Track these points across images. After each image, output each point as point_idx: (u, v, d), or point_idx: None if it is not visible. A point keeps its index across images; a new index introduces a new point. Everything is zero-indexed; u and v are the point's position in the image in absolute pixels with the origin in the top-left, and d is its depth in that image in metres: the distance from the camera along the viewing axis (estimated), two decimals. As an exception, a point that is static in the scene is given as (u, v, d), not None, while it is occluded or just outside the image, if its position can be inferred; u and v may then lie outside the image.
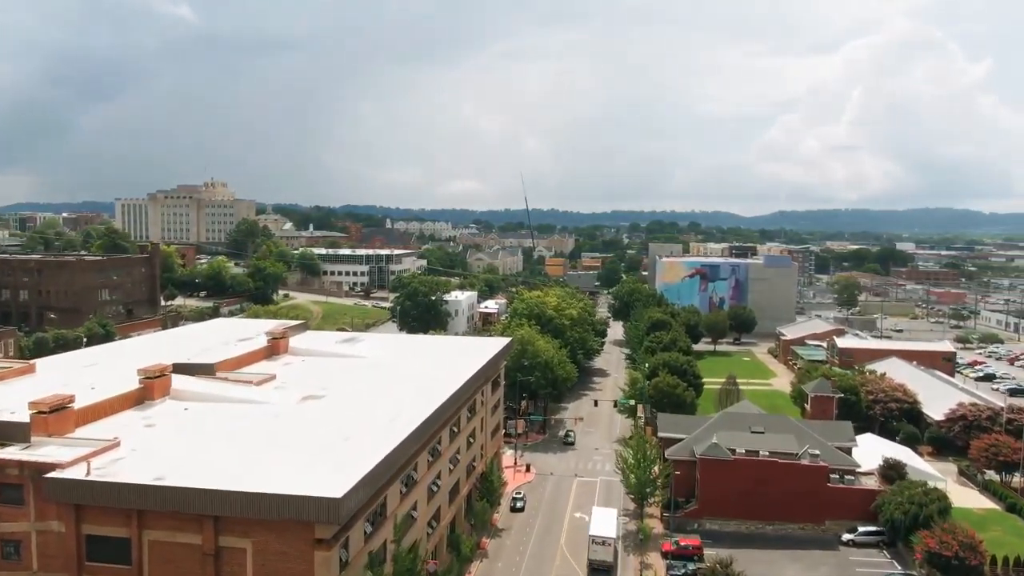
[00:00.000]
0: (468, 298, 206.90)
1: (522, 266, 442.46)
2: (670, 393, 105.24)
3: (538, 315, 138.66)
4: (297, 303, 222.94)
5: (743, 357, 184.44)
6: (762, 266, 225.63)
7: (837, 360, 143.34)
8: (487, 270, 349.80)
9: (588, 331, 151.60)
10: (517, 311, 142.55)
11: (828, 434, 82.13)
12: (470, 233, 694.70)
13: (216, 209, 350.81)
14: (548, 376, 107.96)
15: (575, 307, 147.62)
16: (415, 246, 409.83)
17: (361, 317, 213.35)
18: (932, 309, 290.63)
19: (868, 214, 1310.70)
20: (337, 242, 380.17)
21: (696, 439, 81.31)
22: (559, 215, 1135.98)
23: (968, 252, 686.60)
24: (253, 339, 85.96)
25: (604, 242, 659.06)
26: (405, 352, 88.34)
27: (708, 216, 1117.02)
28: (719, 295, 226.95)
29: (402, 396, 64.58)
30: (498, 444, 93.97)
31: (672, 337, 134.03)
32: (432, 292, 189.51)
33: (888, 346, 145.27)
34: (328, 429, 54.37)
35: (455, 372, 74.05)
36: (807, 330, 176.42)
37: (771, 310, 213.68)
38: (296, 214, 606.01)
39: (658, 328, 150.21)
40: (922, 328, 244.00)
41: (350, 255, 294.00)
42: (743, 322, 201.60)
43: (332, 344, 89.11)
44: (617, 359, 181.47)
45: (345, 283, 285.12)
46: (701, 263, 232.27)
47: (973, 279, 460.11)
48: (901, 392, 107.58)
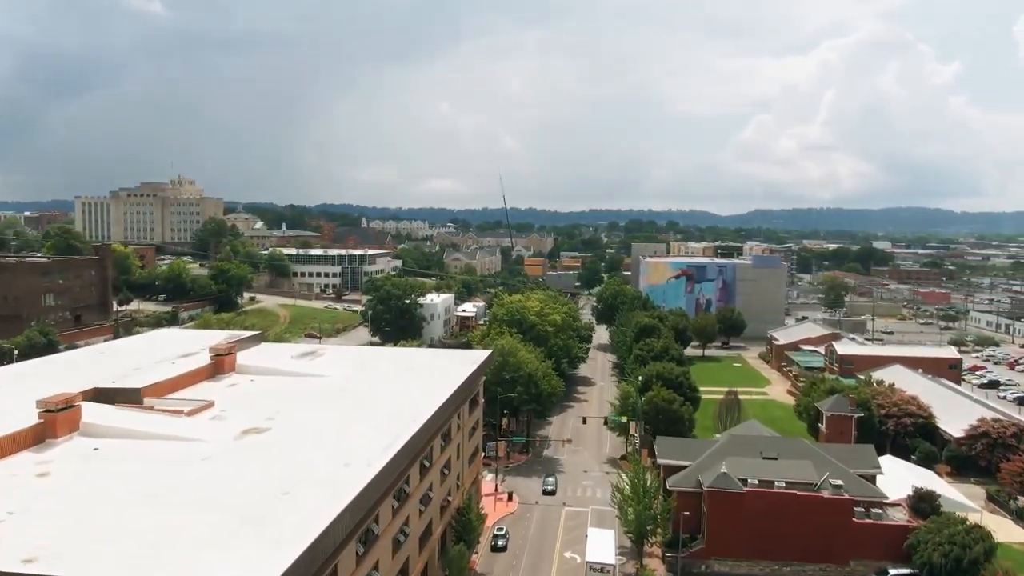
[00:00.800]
0: (444, 301, 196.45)
1: (500, 266, 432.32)
2: (665, 409, 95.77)
3: (519, 321, 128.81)
4: (263, 307, 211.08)
5: (733, 363, 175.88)
6: (750, 266, 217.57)
7: (837, 368, 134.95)
8: (464, 271, 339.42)
9: (572, 337, 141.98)
10: (497, 316, 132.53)
11: (848, 459, 72.96)
12: (447, 232, 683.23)
13: (182, 208, 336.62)
14: (532, 391, 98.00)
15: (558, 312, 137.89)
16: (390, 246, 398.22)
17: (331, 321, 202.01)
18: (919, 310, 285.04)
19: (843, 213, 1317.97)
20: (309, 242, 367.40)
21: (701, 467, 71.77)
22: (537, 214, 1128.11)
23: (944, 251, 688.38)
24: (197, 354, 75.12)
25: (583, 241, 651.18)
26: (371, 368, 77.88)
27: (686, 215, 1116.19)
28: (706, 297, 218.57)
29: (363, 427, 54.33)
30: (476, 471, 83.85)
31: (664, 344, 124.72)
32: (406, 295, 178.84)
33: (890, 352, 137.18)
34: (268, 476, 43.95)
35: (427, 394, 63.92)
36: (801, 334, 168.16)
37: (759, 312, 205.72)
38: (269, 213, 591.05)
39: (647, 334, 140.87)
40: (912, 330, 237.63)
41: (321, 255, 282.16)
42: (732, 325, 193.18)
43: (287, 360, 78.38)
44: (603, 365, 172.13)
45: (316, 285, 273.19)
46: (687, 263, 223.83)
47: (953, 278, 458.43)
48: (915, 406, 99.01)
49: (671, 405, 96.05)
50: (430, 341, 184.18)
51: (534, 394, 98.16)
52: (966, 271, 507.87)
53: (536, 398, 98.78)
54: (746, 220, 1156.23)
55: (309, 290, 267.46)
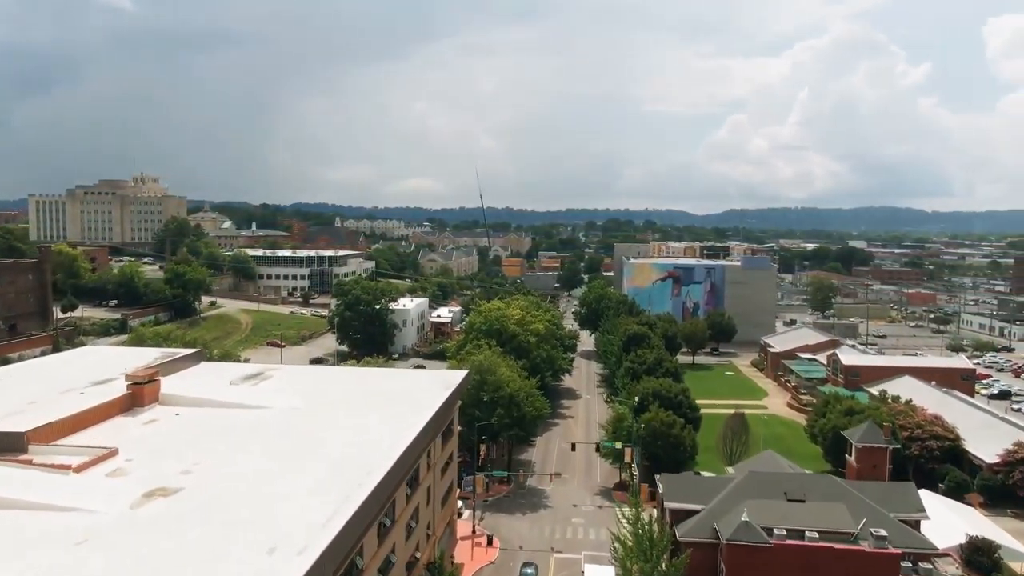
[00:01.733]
0: (418, 306, 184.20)
1: (478, 267, 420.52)
2: (665, 434, 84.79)
3: (498, 331, 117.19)
4: (224, 312, 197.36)
5: (726, 371, 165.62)
6: (740, 268, 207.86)
7: (841, 379, 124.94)
8: (440, 272, 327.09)
9: (556, 347, 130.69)
10: (474, 326, 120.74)
11: (887, 500, 62.29)
12: (423, 232, 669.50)
13: (142, 206, 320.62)
14: (514, 414, 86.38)
15: (541, 320, 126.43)
16: (363, 246, 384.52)
17: (297, 328, 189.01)
18: (908, 312, 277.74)
19: (816, 212, 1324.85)
20: (278, 242, 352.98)
21: (717, 512, 60.65)
22: (514, 214, 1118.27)
23: (919, 250, 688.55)
24: (115, 381, 62.62)
25: (561, 241, 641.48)
26: (326, 395, 65.79)
27: (662, 215, 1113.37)
28: (693, 300, 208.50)
29: (305, 484, 42.42)
30: (451, 512, 72.18)
31: (656, 356, 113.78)
32: (376, 300, 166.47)
33: (898, 362, 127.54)
34: (167, 570, 32.04)
35: (391, 431, 52.20)
36: (797, 341, 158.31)
37: (750, 316, 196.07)
38: (240, 212, 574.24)
39: (636, 342, 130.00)
40: (903, 333, 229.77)
41: (289, 256, 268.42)
42: (722, 330, 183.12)
43: (225, 386, 66.05)
44: (588, 375, 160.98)
45: (284, 288, 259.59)
46: (674, 265, 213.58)
47: (934, 278, 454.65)
48: (940, 427, 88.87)
49: (671, 429, 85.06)
50: (402, 349, 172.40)
51: (516, 417, 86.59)
52: (944, 271, 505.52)
53: (519, 422, 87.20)
54: (722, 220, 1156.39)
55: (276, 293, 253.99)
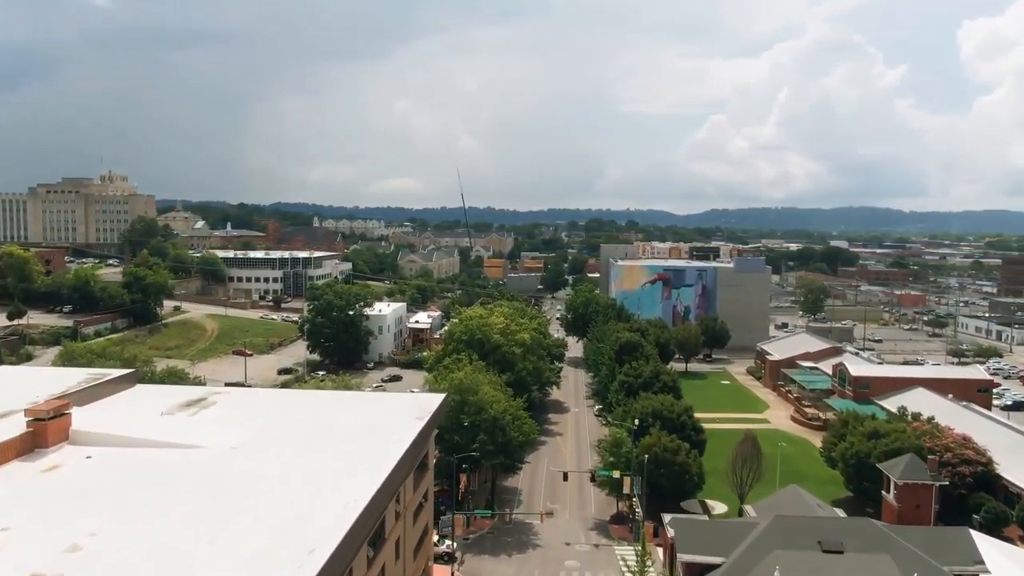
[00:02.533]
0: (395, 311, 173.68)
1: (459, 268, 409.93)
2: (669, 461, 75.34)
3: (480, 341, 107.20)
4: (188, 318, 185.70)
5: (721, 380, 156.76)
6: (732, 271, 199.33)
7: (850, 392, 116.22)
8: (420, 274, 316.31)
9: (543, 357, 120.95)
10: (454, 335, 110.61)
11: (937, 549, 53.08)
12: (403, 232, 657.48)
13: (107, 205, 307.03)
14: (498, 440, 76.42)
15: (527, 329, 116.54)
16: (340, 247, 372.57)
17: (266, 335, 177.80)
18: (900, 314, 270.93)
19: (796, 212, 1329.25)
20: (252, 243, 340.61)
21: (741, 568, 51.12)
22: (496, 214, 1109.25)
23: (901, 250, 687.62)
24: (16, 415, 51.82)
25: (544, 241, 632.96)
26: (277, 428, 55.33)
27: (644, 215, 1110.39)
28: (684, 304, 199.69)
29: (238, 559, 32.07)
30: (426, 558, 62.02)
31: (654, 368, 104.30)
32: (349, 305, 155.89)
33: (910, 373, 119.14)
34: None
35: (350, 480, 41.99)
36: (796, 348, 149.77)
37: (743, 321, 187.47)
38: (216, 212, 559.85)
39: (628, 352, 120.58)
40: (899, 337, 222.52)
41: (260, 258, 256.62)
42: (715, 336, 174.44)
43: (156, 418, 55.41)
44: (576, 384, 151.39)
45: (256, 291, 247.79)
46: (664, 267, 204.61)
47: (919, 279, 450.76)
48: (971, 450, 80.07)
49: (676, 456, 75.58)
50: (378, 358, 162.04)
51: (501, 443, 76.64)
52: (929, 271, 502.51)
53: (504, 448, 77.27)
54: (703, 219, 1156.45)
55: (247, 297, 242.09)
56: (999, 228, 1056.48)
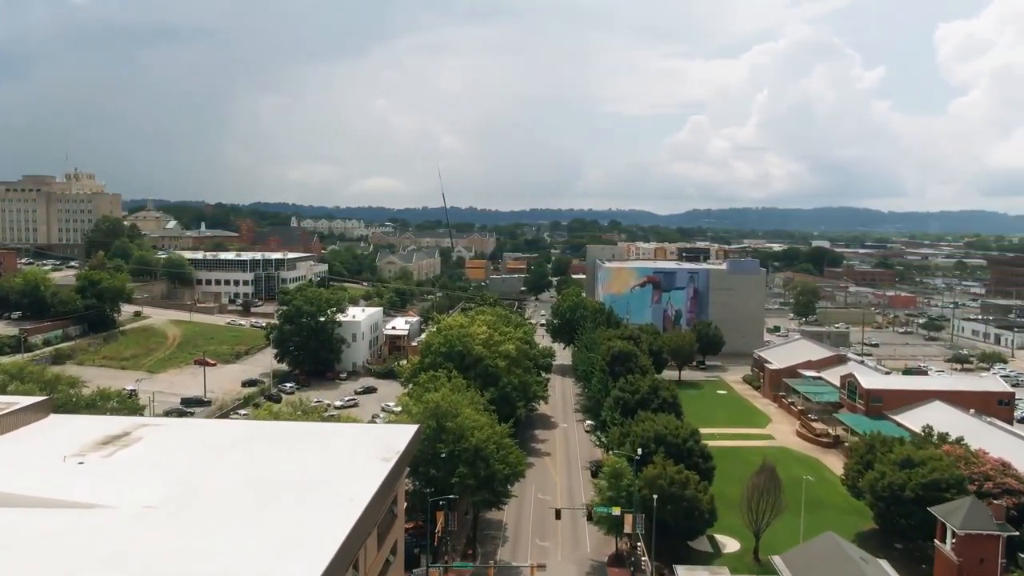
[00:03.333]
0: (371, 317, 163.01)
1: (440, 269, 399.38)
2: (676, 496, 65.76)
3: (460, 354, 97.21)
4: (149, 325, 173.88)
5: (717, 389, 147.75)
6: (725, 273, 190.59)
7: (861, 405, 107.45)
8: (399, 275, 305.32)
9: (530, 369, 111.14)
10: (431, 347, 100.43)
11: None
12: (384, 232, 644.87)
13: (70, 204, 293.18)
14: (480, 472, 66.41)
15: (512, 339, 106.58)
16: (317, 247, 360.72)
17: (232, 342, 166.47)
18: (892, 317, 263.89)
19: (776, 212, 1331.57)
20: (223, 243, 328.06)
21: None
22: (478, 214, 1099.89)
23: (882, 250, 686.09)
24: None
25: (526, 241, 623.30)
26: (209, 477, 45.11)
27: (625, 214, 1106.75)
28: (675, 308, 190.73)
29: None
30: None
31: (651, 383, 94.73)
32: (321, 311, 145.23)
33: (925, 386, 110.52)
34: None
35: (297, 551, 31.95)
36: (796, 356, 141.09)
37: (737, 325, 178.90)
38: (191, 211, 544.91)
39: (621, 362, 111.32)
40: (895, 341, 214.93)
41: (230, 260, 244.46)
42: (709, 342, 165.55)
43: (58, 464, 44.89)
44: (563, 395, 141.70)
45: (226, 294, 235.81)
46: (653, 269, 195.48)
47: (905, 279, 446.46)
48: (1013, 478, 71.15)
49: (685, 490, 66.00)
50: (352, 367, 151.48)
51: (484, 477, 66.60)
52: (912, 271, 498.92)
53: (487, 483, 67.23)
54: (684, 219, 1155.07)
55: (216, 301, 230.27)
56: (976, 228, 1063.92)
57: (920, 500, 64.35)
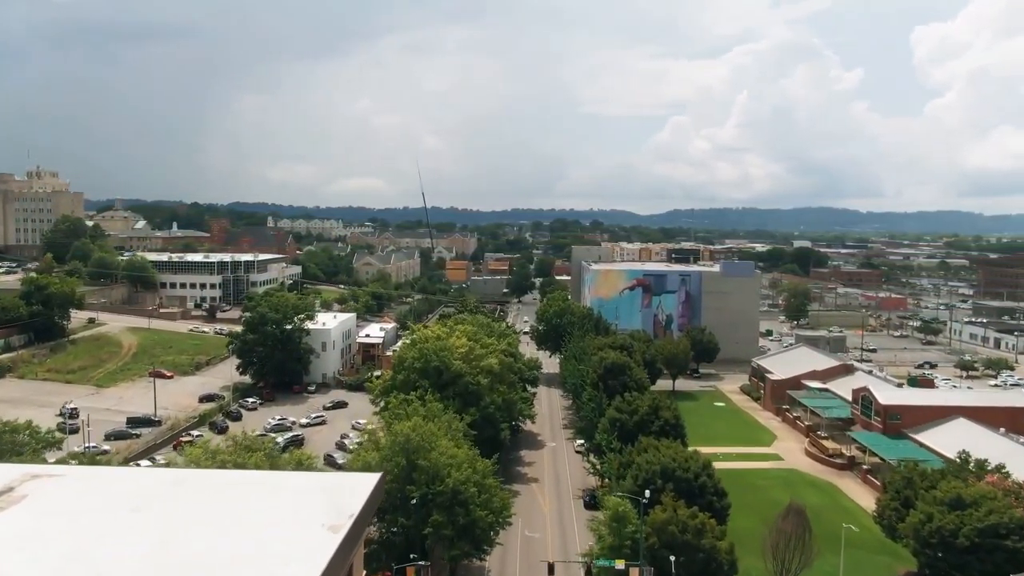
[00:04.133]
0: (343, 324, 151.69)
1: (420, 270, 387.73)
2: (691, 545, 55.65)
3: (438, 370, 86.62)
4: (103, 333, 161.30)
5: (714, 401, 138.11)
6: (719, 275, 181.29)
7: (878, 422, 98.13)
8: (377, 278, 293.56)
9: (516, 385, 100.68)
10: (405, 362, 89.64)
11: None
12: (363, 232, 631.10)
13: (29, 203, 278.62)
14: (459, 520, 55.89)
15: (495, 352, 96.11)
16: (292, 249, 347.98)
17: (193, 351, 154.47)
18: (885, 319, 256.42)
19: (756, 213, 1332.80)
20: (194, 244, 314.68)
21: None
22: (459, 214, 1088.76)
23: (863, 250, 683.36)
24: None
25: (508, 242, 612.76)
26: (98, 547, 34.33)
27: (607, 215, 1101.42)
28: (666, 312, 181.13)
29: None
30: None
31: (652, 403, 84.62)
32: (287, 318, 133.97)
33: (947, 400, 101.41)
34: None
35: None
36: (798, 364, 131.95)
37: (731, 331, 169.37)
38: (165, 211, 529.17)
39: (614, 374, 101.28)
40: (893, 345, 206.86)
41: (196, 262, 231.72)
42: (704, 350, 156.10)
43: None
44: (550, 407, 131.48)
45: (192, 299, 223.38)
46: (643, 272, 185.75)
47: (890, 280, 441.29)
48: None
49: (700, 539, 55.90)
50: (322, 379, 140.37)
51: (463, 526, 56.08)
52: (896, 271, 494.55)
53: (466, 532, 56.70)
54: (666, 220, 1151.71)
55: (181, 305, 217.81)
56: (953, 228, 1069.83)
57: (977, 548, 54.85)
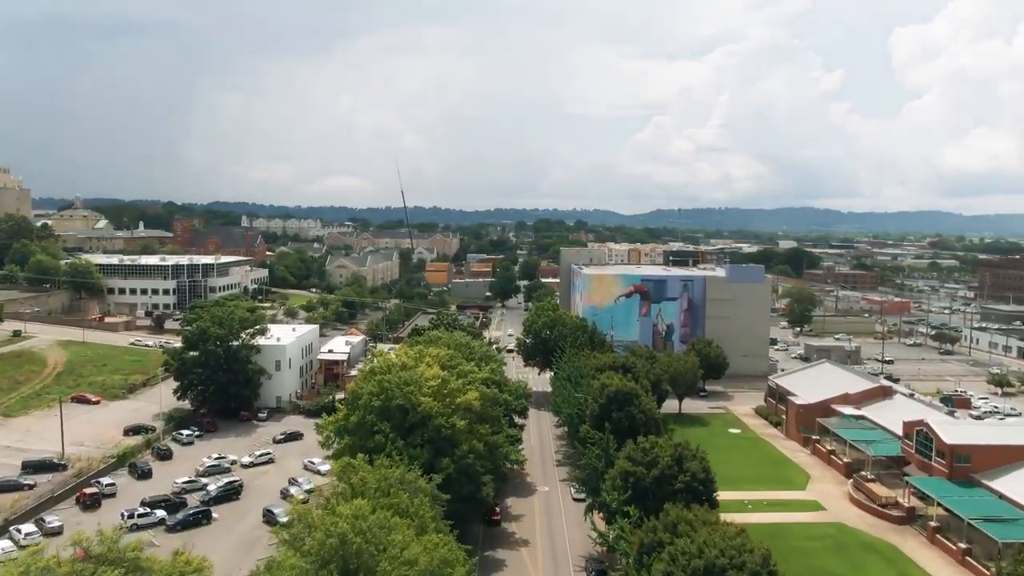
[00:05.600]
0: (302, 339, 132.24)
1: (399, 273, 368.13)
2: None
3: (402, 409, 67.94)
4: (26, 348, 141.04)
5: (728, 427, 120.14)
6: (725, 281, 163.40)
7: (942, 465, 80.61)
8: (351, 281, 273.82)
9: (501, 420, 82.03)
10: (359, 399, 70.64)
11: None
12: (341, 232, 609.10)
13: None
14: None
15: (475, 381, 77.40)
16: (261, 250, 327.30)
17: (129, 369, 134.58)
18: (894, 326, 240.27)
19: (739, 212, 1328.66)
20: (152, 245, 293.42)
21: None
22: (441, 213, 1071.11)
23: (850, 250, 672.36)
24: None
25: (491, 242, 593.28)
26: None
27: (591, 214, 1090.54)
28: (666, 322, 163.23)
29: None
30: None
31: (675, 451, 66.34)
32: (233, 333, 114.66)
33: (1021, 438, 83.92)
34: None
35: None
36: (825, 385, 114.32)
37: (738, 343, 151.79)
38: (134, 210, 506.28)
39: (619, 404, 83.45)
40: (908, 355, 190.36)
41: (150, 265, 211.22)
42: (712, 365, 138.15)
43: None
44: (540, 437, 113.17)
45: (143, 306, 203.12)
46: (641, 277, 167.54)
47: (885, 282, 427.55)
48: None
49: None
50: (276, 403, 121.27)
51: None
52: (887, 272, 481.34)
53: None
54: (649, 220, 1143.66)
55: (131, 313, 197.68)
56: (933, 228, 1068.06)
57: None
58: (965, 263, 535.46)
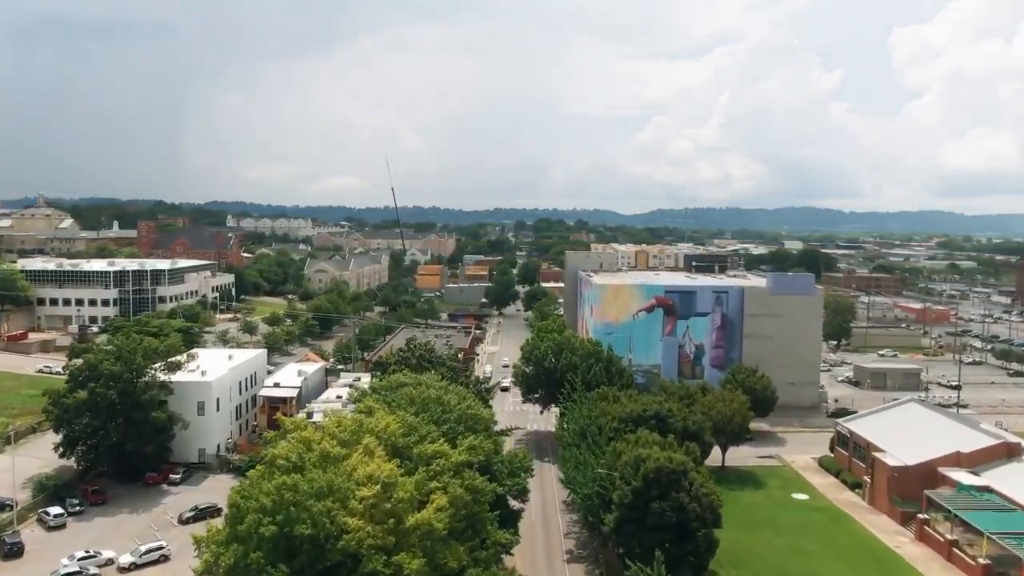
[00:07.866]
0: (241, 369, 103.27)
1: (388, 276, 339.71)
2: None
3: (313, 542, 39.53)
4: None
5: (791, 491, 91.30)
6: (766, 292, 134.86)
7: None
8: (330, 287, 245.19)
9: (487, 529, 53.46)
10: (242, 516, 42.31)
11: None
12: (332, 232, 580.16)
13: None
14: None
15: (447, 472, 48.85)
16: (236, 252, 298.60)
17: (22, 407, 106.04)
18: (942, 340, 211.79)
19: (740, 212, 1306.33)
20: (109, 247, 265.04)
21: None
22: (440, 212, 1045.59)
23: (858, 250, 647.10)
24: None
25: (489, 243, 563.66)
26: None
27: (591, 214, 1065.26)
28: (695, 342, 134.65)
29: None
30: None
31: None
32: (135, 371, 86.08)
33: None
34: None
35: None
36: (920, 437, 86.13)
37: (784, 369, 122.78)
38: (109, 209, 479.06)
39: (663, 489, 55.88)
40: (973, 378, 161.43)
41: (91, 272, 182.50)
42: (758, 399, 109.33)
43: None
44: (544, 507, 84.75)
45: (80, 318, 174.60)
46: (665, 288, 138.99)
47: (906, 285, 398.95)
48: None
49: None
50: (200, 456, 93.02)
51: None
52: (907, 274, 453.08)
53: None
54: (649, 219, 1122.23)
55: (64, 327, 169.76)
56: (936, 228, 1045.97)
57: None
58: (982, 264, 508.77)
